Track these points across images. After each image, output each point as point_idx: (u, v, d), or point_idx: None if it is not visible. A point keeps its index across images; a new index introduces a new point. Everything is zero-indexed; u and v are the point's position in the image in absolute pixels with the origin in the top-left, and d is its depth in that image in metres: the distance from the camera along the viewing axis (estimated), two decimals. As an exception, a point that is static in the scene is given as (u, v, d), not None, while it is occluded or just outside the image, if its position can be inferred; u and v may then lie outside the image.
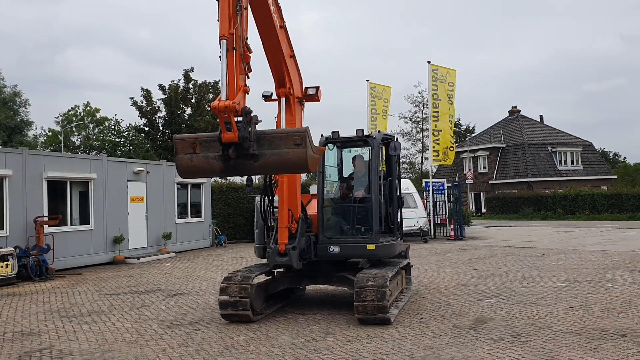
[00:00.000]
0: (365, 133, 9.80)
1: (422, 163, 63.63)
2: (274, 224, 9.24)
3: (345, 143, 10.38)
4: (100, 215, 18.21)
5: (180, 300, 11.07)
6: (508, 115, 59.40)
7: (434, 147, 26.30)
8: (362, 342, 7.37)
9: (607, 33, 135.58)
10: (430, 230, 25.57)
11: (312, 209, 9.63)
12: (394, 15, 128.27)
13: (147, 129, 36.82)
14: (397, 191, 10.32)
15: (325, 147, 9.90)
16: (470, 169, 50.77)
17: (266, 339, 7.67)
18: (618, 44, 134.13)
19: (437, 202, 26.84)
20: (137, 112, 35.49)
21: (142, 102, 35.49)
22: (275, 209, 9.37)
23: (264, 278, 9.77)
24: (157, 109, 35.89)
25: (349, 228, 9.54)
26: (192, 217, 23.37)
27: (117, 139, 60.89)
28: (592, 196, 40.40)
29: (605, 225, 31.36)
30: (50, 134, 61.04)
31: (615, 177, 57.27)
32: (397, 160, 10.54)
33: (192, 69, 36.48)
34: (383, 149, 10.14)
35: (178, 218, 22.32)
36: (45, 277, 14.71)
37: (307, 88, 9.85)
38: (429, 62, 25.91)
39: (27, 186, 15.78)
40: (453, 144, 27.44)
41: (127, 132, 59.88)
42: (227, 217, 26.69)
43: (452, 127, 27.20)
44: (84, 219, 17.89)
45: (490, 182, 52.86)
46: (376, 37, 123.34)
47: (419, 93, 62.21)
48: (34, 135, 61.44)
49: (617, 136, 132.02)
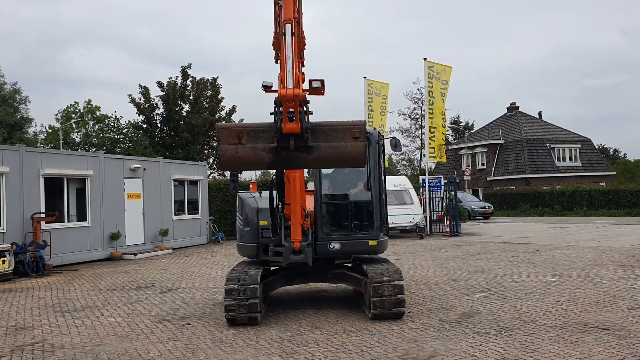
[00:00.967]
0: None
1: (420, 160, 63.68)
2: (280, 222, 8.89)
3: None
4: (97, 211, 18.35)
5: (174, 295, 11.20)
6: (507, 111, 59.46)
7: (430, 144, 26.43)
8: (348, 336, 7.51)
9: (607, 28, 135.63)
10: (426, 226, 25.70)
11: (309, 206, 9.53)
12: (392, 11, 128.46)
13: (145, 126, 36.95)
14: (385, 188, 10.26)
15: None
16: (468, 166, 50.90)
17: (254, 333, 7.80)
18: (619, 39, 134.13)
19: (434, 199, 26.97)
20: (135, 109, 35.61)
21: (140, 99, 35.61)
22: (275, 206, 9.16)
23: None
24: (155, 106, 36.02)
25: (347, 224, 9.37)
26: (189, 213, 23.48)
27: (116, 136, 61.10)
28: (589, 192, 40.50)
29: (602, 221, 31.47)
30: (50, 131, 61.15)
31: (614, 173, 57.36)
32: (384, 157, 10.46)
33: (189, 65, 36.59)
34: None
35: (175, 215, 22.44)
36: (42, 273, 14.86)
37: (311, 81, 9.62)
38: (425, 59, 26.02)
39: (24, 183, 15.91)
40: (444, 141, 27.53)
41: (126, 130, 60.10)
42: (225, 213, 26.76)
43: (444, 125, 27.31)
44: (81, 216, 18.03)
45: (488, 178, 52.96)
46: (374, 33, 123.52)
47: (418, 90, 62.29)
48: (34, 132, 61.62)
49: (617, 132, 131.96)
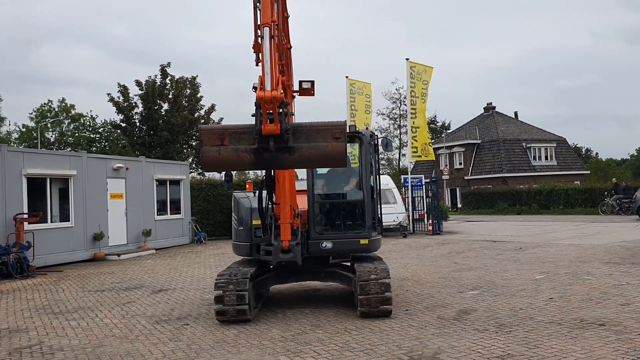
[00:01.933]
0: (355, 129, 9.77)
1: (399, 159, 64.07)
2: (270, 221, 8.93)
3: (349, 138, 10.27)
4: (80, 212, 18.09)
5: (166, 296, 11.11)
6: (483, 111, 60.13)
7: (412, 143, 26.60)
8: (350, 334, 7.53)
9: (577, 30, 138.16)
10: (409, 225, 25.87)
11: (301, 205, 9.59)
12: (369, 12, 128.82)
13: (124, 125, 36.54)
14: (378, 187, 10.36)
15: None
16: (446, 165, 51.36)
17: (256, 333, 7.78)
18: (588, 41, 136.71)
19: (416, 198, 27.17)
20: (114, 108, 35.21)
21: (119, 98, 35.21)
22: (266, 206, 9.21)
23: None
24: (134, 104, 35.65)
25: (339, 224, 9.46)
26: (171, 213, 23.29)
27: (92, 136, 60.29)
28: (566, 191, 41.12)
29: (579, 219, 31.99)
30: (24, 130, 60.07)
31: (588, 172, 58.38)
32: (377, 157, 10.54)
33: (168, 64, 36.31)
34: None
35: (157, 215, 22.24)
36: (27, 275, 14.61)
37: (301, 82, 9.64)
38: (407, 59, 26.18)
39: (6, 183, 15.61)
40: (429, 139, 27.76)
41: (102, 129, 59.35)
42: (207, 213, 26.60)
43: (428, 123, 27.59)
44: (64, 216, 17.76)
45: (465, 177, 53.50)
46: (352, 33, 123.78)
47: (396, 90, 62.65)
48: (7, 131, 60.47)
49: (589, 132, 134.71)
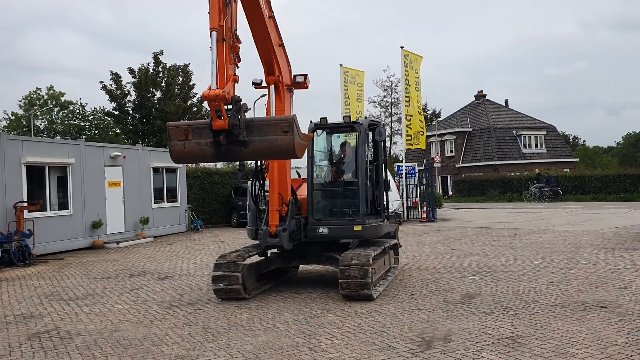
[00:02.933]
0: (349, 119, 10.21)
1: (390, 147, 64.29)
2: (265, 207, 9.64)
3: (333, 129, 10.77)
4: (78, 200, 18.13)
5: (173, 282, 11.25)
6: (474, 99, 60.42)
7: (407, 131, 26.77)
8: (361, 317, 7.74)
9: (565, 19, 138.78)
10: (403, 212, 26.13)
11: (303, 193, 9.99)
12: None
13: (116, 112, 36.44)
14: (383, 175, 10.75)
15: (314, 133, 10.24)
16: (437, 153, 51.58)
17: (269, 317, 7.97)
18: (576, 29, 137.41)
19: (409, 186, 27.41)
20: (107, 95, 35.07)
21: (111, 86, 35.08)
22: (266, 193, 9.71)
23: (257, 258, 10.15)
24: (126, 92, 35.54)
25: (337, 210, 10.01)
26: (168, 201, 23.36)
27: (82, 124, 59.89)
28: (556, 179, 41.54)
29: (569, 206, 32.40)
30: (13, 117, 59.54)
31: (577, 159, 58.94)
32: (383, 146, 10.90)
33: (161, 52, 36.22)
34: (370, 135, 10.51)
35: (154, 203, 22.30)
36: (29, 263, 14.68)
37: (295, 75, 10.14)
38: (402, 47, 26.29)
39: (6, 171, 15.61)
40: (422, 128, 27.94)
41: (92, 117, 58.99)
42: (202, 201, 26.75)
43: (421, 112, 27.73)
44: (63, 204, 17.79)
45: (457, 165, 53.88)
46: (340, 20, 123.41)
47: (388, 77, 62.76)
48: (-5, 118, 59.91)
49: (576, 120, 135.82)
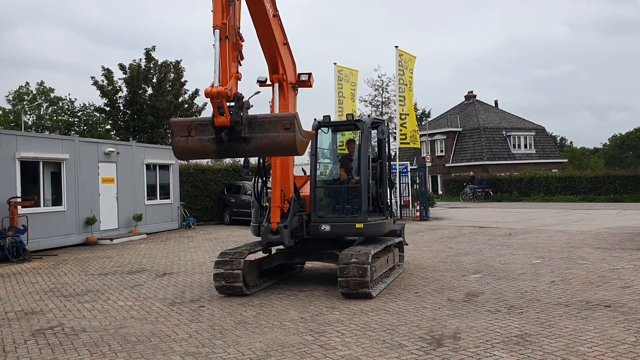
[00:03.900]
0: (352, 118, 10.20)
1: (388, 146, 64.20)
2: (267, 204, 9.63)
3: (337, 127, 10.83)
4: (72, 196, 17.96)
5: (172, 279, 11.18)
6: (464, 99, 60.65)
7: (401, 130, 26.78)
8: (368, 315, 7.73)
9: (553, 21, 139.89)
10: (397, 211, 26.15)
11: (307, 190, 10.01)
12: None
13: (108, 109, 36.13)
14: (387, 173, 10.79)
15: (318, 131, 10.26)
16: (428, 153, 51.79)
17: (274, 314, 7.93)
18: (564, 31, 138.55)
19: (402, 184, 27.45)
20: (99, 91, 34.76)
21: (103, 82, 34.76)
22: (269, 190, 9.72)
23: (261, 255, 10.20)
24: (118, 88, 35.25)
25: (339, 208, 10.02)
26: (160, 198, 23.20)
27: (71, 119, 59.43)
28: (546, 179, 41.88)
29: (560, 206, 32.67)
30: (0, 112, 58.92)
31: (566, 160, 59.40)
32: (387, 144, 10.87)
33: (153, 48, 35.91)
34: (373, 133, 10.56)
35: (147, 199, 22.16)
36: (23, 259, 14.53)
37: (300, 74, 10.16)
38: (396, 46, 26.31)
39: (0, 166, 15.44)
40: (417, 127, 28.00)
41: (81, 112, 58.56)
42: (195, 199, 26.60)
43: (413, 112, 27.78)
44: (56, 200, 17.63)
45: (447, 165, 54.07)
46: (329, 18, 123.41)
47: (379, 77, 62.80)
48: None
49: (563, 121, 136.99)
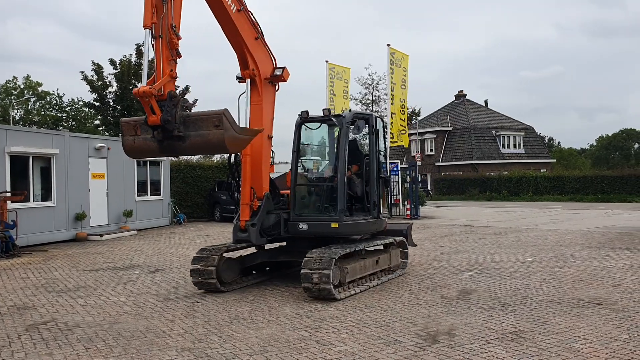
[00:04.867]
0: (329, 113, 9.86)
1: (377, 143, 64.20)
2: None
3: (316, 123, 10.34)
4: (62, 191, 17.83)
5: (164, 275, 11.14)
6: (454, 99, 60.88)
7: (390, 129, 26.83)
8: (362, 312, 7.75)
9: (542, 22, 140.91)
10: (387, 209, 26.22)
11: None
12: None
13: (97, 104, 35.89)
14: (377, 170, 10.30)
15: (301, 127, 10.03)
16: (418, 152, 51.97)
17: (269, 310, 7.93)
18: (553, 33, 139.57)
19: (392, 183, 27.53)
20: (88, 86, 34.49)
21: (92, 77, 34.52)
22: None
23: (249, 251, 10.19)
24: (108, 84, 35.02)
25: (318, 206, 9.75)
26: (151, 194, 23.10)
27: (59, 114, 58.90)
28: (535, 178, 42.21)
29: (548, 206, 32.92)
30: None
31: (554, 160, 59.85)
32: (376, 139, 10.39)
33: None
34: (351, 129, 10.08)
35: (138, 196, 22.05)
36: (12, 254, 14.39)
37: (275, 68, 9.77)
38: (388, 45, 26.36)
39: (-11, 161, 15.31)
40: (404, 127, 27.99)
41: (69, 107, 58.07)
42: (185, 195, 26.51)
43: (404, 111, 27.75)
44: (46, 195, 17.49)
45: (437, 164, 54.29)
46: (320, 17, 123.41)
47: (369, 75, 62.77)
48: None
49: (551, 122, 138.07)
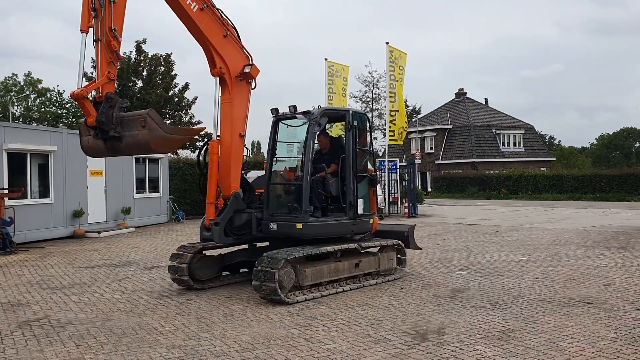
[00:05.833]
0: (295, 110, 9.40)
1: (371, 142, 64.26)
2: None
3: (287, 119, 9.89)
4: (60, 188, 17.90)
5: (160, 273, 11.19)
6: (455, 97, 60.87)
7: (390, 127, 26.90)
8: (353, 310, 7.80)
9: (543, 21, 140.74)
10: (384, 207, 26.28)
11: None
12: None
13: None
14: (352, 168, 9.57)
15: (279, 124, 9.81)
16: (418, 149, 52.00)
17: (260, 308, 7.98)
18: (554, 31, 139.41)
19: (391, 181, 27.60)
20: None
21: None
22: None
23: (230, 250, 10.26)
24: (107, 81, 35.10)
25: (289, 206, 9.44)
26: (150, 192, 23.17)
27: (59, 111, 58.99)
28: (534, 177, 42.23)
29: (547, 204, 32.94)
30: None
31: (554, 159, 59.86)
32: (352, 137, 9.68)
33: (144, 40, 35.80)
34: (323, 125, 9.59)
35: (136, 193, 22.11)
36: (9, 251, 14.46)
37: (244, 66, 9.47)
38: (387, 43, 26.40)
39: (-14, 158, 15.36)
40: (406, 124, 28.07)
41: (69, 104, 58.11)
42: (184, 192, 26.53)
43: (403, 109, 27.79)
44: (44, 192, 17.56)
45: (436, 162, 54.33)
46: (321, 15, 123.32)
47: (369, 73, 62.81)
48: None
49: (551, 120, 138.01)
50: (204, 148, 9.67)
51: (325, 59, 28.59)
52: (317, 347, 6.15)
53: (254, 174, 10.04)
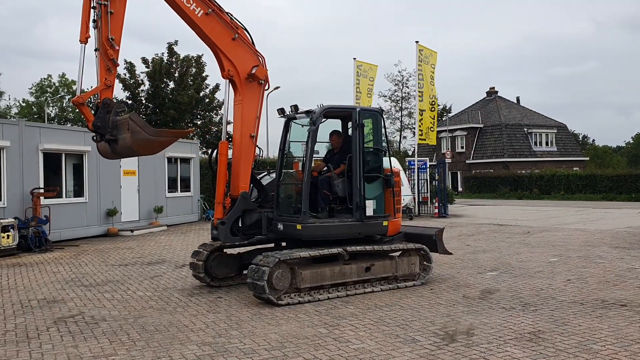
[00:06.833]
0: (296, 109, 9.41)
1: (400, 142, 64.16)
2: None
3: (292, 119, 9.81)
4: (94, 188, 18.27)
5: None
6: (486, 96, 60.18)
7: (419, 126, 26.76)
8: (382, 310, 7.80)
9: (578, 17, 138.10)
10: (414, 207, 26.17)
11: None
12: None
13: (130, 102, 36.52)
14: (360, 168, 9.12)
15: (290, 123, 9.79)
16: (448, 149, 51.60)
17: (290, 307, 8.04)
18: (589, 27, 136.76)
19: (420, 181, 27.45)
20: (121, 84, 35.14)
21: (125, 75, 35.15)
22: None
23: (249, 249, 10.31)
24: (140, 82, 35.61)
25: (295, 206, 9.38)
26: (181, 191, 23.50)
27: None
28: (567, 177, 41.51)
29: (580, 205, 32.37)
30: (24, 104, 59.83)
31: (587, 158, 58.76)
32: (359, 135, 9.18)
33: (176, 42, 36.19)
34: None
35: (168, 192, 22.44)
36: (45, 249, 14.84)
37: (252, 67, 9.44)
38: (417, 42, 26.24)
39: (23, 158, 15.76)
40: (433, 124, 27.82)
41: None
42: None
43: (435, 108, 27.55)
44: (78, 192, 17.95)
45: (467, 161, 53.76)
46: (349, 14, 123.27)
47: (399, 72, 62.60)
48: (7, 105, 60.24)
49: (585, 119, 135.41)
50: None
51: (354, 58, 28.59)
52: (345, 346, 6.18)
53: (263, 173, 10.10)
